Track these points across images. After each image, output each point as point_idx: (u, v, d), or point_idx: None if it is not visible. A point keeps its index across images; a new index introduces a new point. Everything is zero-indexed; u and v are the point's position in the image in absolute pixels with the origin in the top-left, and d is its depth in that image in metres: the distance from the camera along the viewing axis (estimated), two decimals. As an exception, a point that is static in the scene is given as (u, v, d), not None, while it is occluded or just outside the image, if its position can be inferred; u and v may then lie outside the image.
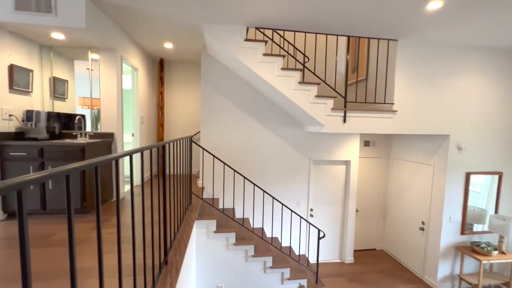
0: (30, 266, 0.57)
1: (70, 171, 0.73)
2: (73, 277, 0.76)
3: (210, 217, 3.21)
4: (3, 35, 2.60)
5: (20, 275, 0.55)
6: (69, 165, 0.73)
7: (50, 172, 0.64)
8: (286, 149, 4.14)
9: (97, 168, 0.88)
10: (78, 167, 0.75)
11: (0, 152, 2.56)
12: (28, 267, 0.57)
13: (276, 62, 3.14)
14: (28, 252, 0.57)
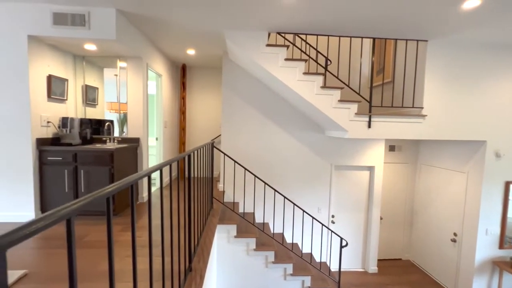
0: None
1: (110, 193, 0.75)
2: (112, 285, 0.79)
3: (230, 221, 3.24)
4: (42, 48, 2.80)
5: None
6: (108, 188, 0.75)
7: (92, 197, 0.67)
8: (306, 154, 4.07)
9: (132, 186, 0.91)
10: (115, 189, 0.78)
11: (39, 157, 2.76)
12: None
13: (297, 66, 3.10)
14: (75, 275, 0.60)
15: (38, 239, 2.35)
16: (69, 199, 2.80)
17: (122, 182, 0.82)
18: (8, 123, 2.64)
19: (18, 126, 2.65)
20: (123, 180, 0.84)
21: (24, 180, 2.69)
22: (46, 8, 2.56)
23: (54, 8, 2.56)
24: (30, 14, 2.57)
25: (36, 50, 2.71)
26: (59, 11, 2.56)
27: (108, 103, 3.66)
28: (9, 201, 2.70)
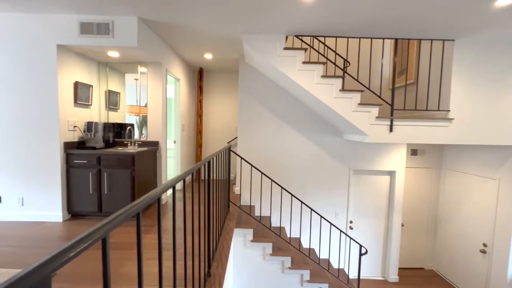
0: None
1: (139, 208, 0.76)
2: None
3: (247, 225, 3.23)
4: (69, 56, 2.94)
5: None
6: (138, 203, 0.75)
7: (125, 213, 0.67)
8: (324, 158, 3.99)
9: (159, 199, 0.92)
10: (143, 203, 0.78)
11: (66, 160, 2.90)
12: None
13: (316, 69, 3.05)
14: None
15: (64, 240, 2.46)
16: (93, 201, 2.92)
17: (149, 196, 0.83)
18: (39, 128, 2.79)
19: (48, 130, 2.80)
20: (150, 193, 0.85)
21: (53, 181, 2.83)
22: (73, 19, 2.69)
23: (81, 18, 2.68)
24: (59, 25, 2.71)
25: (64, 58, 2.85)
26: (86, 20, 2.68)
27: (128, 106, 3.79)
28: (40, 201, 2.85)
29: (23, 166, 2.82)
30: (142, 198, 0.78)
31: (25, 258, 2.11)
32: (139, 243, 0.78)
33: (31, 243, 2.37)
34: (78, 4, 2.45)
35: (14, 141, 2.80)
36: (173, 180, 1.03)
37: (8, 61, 2.75)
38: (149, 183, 3.33)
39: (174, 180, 1.04)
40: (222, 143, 5.37)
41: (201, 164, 1.54)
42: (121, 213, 0.67)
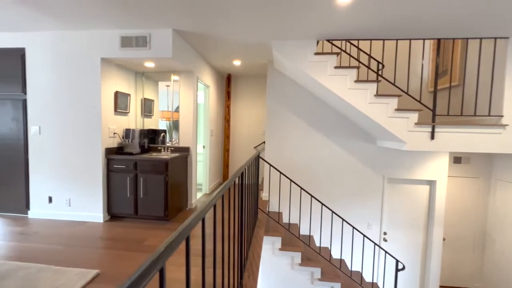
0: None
1: (188, 232, 0.76)
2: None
3: (275, 233, 3.19)
4: (111, 68, 3.16)
5: None
6: (187, 227, 0.75)
7: (176, 237, 0.67)
8: (355, 165, 3.81)
9: (204, 220, 0.92)
10: (187, 229, 0.76)
11: (107, 165, 3.10)
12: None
13: (348, 74, 2.93)
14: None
15: (104, 240, 2.62)
16: (130, 204, 3.09)
17: (195, 218, 0.82)
18: (85, 135, 3.03)
19: (92, 137, 3.02)
20: (195, 215, 0.84)
21: (95, 184, 3.05)
22: (115, 33, 2.88)
23: (122, 33, 2.87)
24: (103, 39, 2.92)
25: (106, 70, 3.07)
26: (126, 35, 2.86)
27: (160, 111, 3.97)
28: (84, 202, 3.09)
29: (71, 170, 3.08)
30: (189, 221, 0.78)
31: (72, 256, 2.28)
32: (188, 264, 0.78)
33: (76, 242, 2.56)
34: (120, 19, 2.62)
35: (64, 147, 3.07)
36: (214, 197, 1.03)
37: (60, 74, 3.03)
38: (180, 188, 3.44)
39: (215, 197, 1.04)
40: (249, 148, 5.40)
41: (236, 176, 1.53)
42: (174, 239, 0.66)
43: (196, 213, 0.83)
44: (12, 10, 2.45)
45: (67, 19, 2.64)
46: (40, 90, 3.06)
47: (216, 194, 1.06)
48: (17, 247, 2.43)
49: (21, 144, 3.15)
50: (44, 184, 3.12)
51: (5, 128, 3.17)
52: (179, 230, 0.70)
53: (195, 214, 0.82)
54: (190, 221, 0.76)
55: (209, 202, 0.96)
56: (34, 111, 3.09)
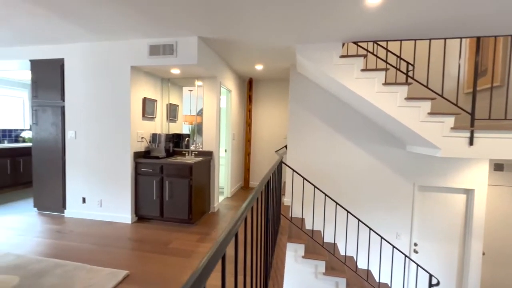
0: None
1: (223, 249, 0.74)
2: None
3: (299, 240, 3.12)
4: (139, 75, 3.30)
5: None
6: (222, 243, 0.71)
7: (211, 256, 0.64)
8: (383, 171, 3.64)
9: (237, 236, 0.89)
10: (222, 248, 0.72)
11: (135, 168, 3.23)
12: None
13: (376, 77, 2.81)
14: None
15: (132, 241, 2.72)
16: (156, 206, 3.18)
17: (228, 235, 0.77)
18: (116, 139, 3.19)
19: (122, 141, 3.17)
20: (228, 232, 0.79)
21: (124, 187, 3.19)
22: (144, 42, 3.01)
23: (150, 42, 2.99)
24: (132, 48, 3.07)
25: (135, 77, 3.21)
26: (154, 43, 2.97)
27: (183, 115, 4.08)
28: (114, 203, 3.24)
29: (103, 173, 3.25)
30: (222, 238, 0.74)
31: (103, 255, 2.38)
32: (224, 284, 0.76)
33: (107, 241, 2.68)
34: (149, 29, 2.74)
35: (97, 151, 3.25)
36: (243, 211, 1.00)
37: (94, 82, 3.22)
38: (204, 191, 3.49)
39: (244, 211, 1.01)
40: (270, 152, 5.37)
41: (262, 185, 1.51)
42: (209, 259, 0.63)
43: (228, 229, 0.81)
44: (54, 24, 2.65)
45: (101, 31, 2.80)
46: (76, 97, 3.28)
47: (245, 207, 1.03)
48: (54, 244, 2.60)
49: (59, 148, 3.38)
50: (79, 185, 3.32)
51: (46, 133, 3.42)
52: (214, 250, 0.67)
53: (227, 230, 0.80)
54: (223, 238, 0.74)
55: (239, 216, 0.93)
56: (70, 117, 3.31)
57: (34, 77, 3.40)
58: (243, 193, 4.90)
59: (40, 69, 3.37)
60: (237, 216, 0.92)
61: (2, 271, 2.07)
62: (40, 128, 3.44)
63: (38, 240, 2.68)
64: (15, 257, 2.28)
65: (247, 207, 1.05)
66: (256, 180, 5.47)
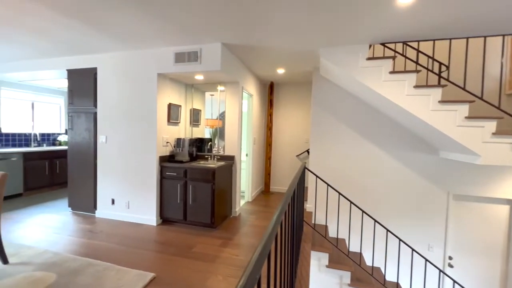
0: None
1: (254, 276, 0.68)
2: None
3: (322, 249, 3.02)
4: (165, 82, 3.41)
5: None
6: (250, 272, 0.66)
7: (246, 281, 0.59)
8: (413, 178, 3.43)
9: (269, 256, 0.85)
10: (256, 270, 0.66)
11: (160, 172, 3.33)
12: None
13: (407, 79, 2.66)
14: None
15: (158, 243, 2.79)
16: (180, 209, 3.25)
17: (260, 255, 0.72)
18: (142, 144, 3.31)
19: (148, 146, 3.28)
20: (260, 252, 0.73)
21: (150, 190, 3.30)
22: (170, 50, 3.11)
23: (176, 49, 3.08)
24: (159, 56, 3.18)
25: (161, 84, 3.32)
26: (179, 51, 3.06)
27: (205, 119, 4.15)
28: (140, 206, 3.36)
29: (130, 176, 3.38)
30: (255, 260, 0.66)
31: (130, 256, 2.47)
32: None
33: (134, 243, 2.78)
34: (174, 37, 2.82)
35: (125, 155, 3.40)
36: (273, 227, 0.94)
37: (123, 90, 3.38)
38: (226, 196, 3.51)
39: (274, 228, 0.95)
40: (291, 156, 5.30)
41: (289, 197, 1.47)
42: (245, 284, 0.57)
43: (260, 249, 0.74)
44: (88, 35, 2.82)
45: (131, 41, 2.94)
46: (107, 104, 3.46)
47: (274, 223, 0.98)
48: (86, 243, 2.74)
49: (91, 152, 3.58)
50: (109, 187, 3.49)
51: (80, 137, 3.65)
52: (248, 272, 0.62)
53: (259, 250, 0.73)
54: (256, 260, 0.68)
55: (270, 233, 0.86)
56: (102, 123, 3.50)
57: (70, 85, 3.65)
58: (263, 198, 4.87)
59: (76, 78, 3.61)
60: (266, 234, 0.86)
61: (41, 267, 2.21)
62: (75, 133, 3.67)
63: (72, 239, 2.84)
64: (52, 255, 2.43)
65: (276, 221, 1.00)
66: (277, 185, 5.41)
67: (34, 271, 2.15)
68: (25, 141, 5.00)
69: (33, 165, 4.54)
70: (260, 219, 3.68)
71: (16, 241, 2.74)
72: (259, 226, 3.39)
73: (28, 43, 3.10)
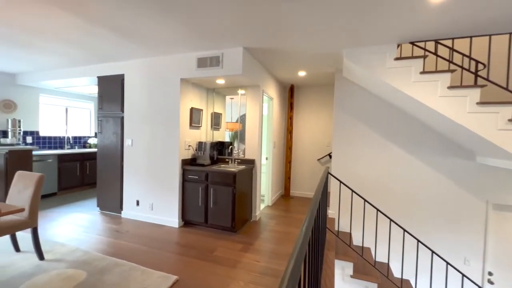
0: None
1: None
2: None
3: (346, 257, 2.90)
4: (188, 87, 3.49)
5: None
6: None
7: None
8: (446, 185, 3.19)
9: (300, 281, 0.79)
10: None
11: (182, 175, 3.39)
12: None
13: (440, 79, 2.49)
14: None
15: (180, 245, 2.83)
16: (201, 212, 3.28)
17: (291, 278, 0.66)
18: (166, 147, 3.40)
19: (171, 149, 3.36)
20: (290, 275, 0.67)
21: (173, 192, 3.37)
22: (193, 56, 3.18)
23: (198, 55, 3.14)
24: (182, 62, 3.26)
25: (184, 89, 3.39)
26: (201, 56, 3.11)
27: (225, 122, 4.18)
28: (163, 208, 3.44)
29: (154, 178, 3.48)
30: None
31: (154, 258, 2.52)
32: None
33: (157, 244, 2.84)
34: (197, 43, 2.88)
35: (149, 158, 3.51)
36: (301, 245, 0.88)
37: (148, 95, 3.50)
38: (246, 200, 3.49)
39: (302, 244, 0.89)
40: (312, 160, 5.18)
41: (316, 206, 1.41)
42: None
43: (290, 271, 0.68)
44: (116, 43, 2.96)
45: (156, 47, 3.04)
46: (133, 108, 3.60)
47: (303, 240, 0.90)
48: (112, 243, 2.84)
49: (118, 154, 3.74)
50: (134, 189, 3.62)
51: (108, 141, 3.83)
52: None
53: (289, 273, 0.67)
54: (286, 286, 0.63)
55: (298, 252, 0.79)
56: (128, 126, 3.65)
57: (100, 91, 3.85)
58: (283, 202, 4.80)
59: (105, 84, 3.80)
60: (295, 253, 0.79)
61: (72, 265, 2.33)
62: (103, 136, 3.86)
63: (99, 238, 2.96)
64: (82, 253, 2.55)
65: (305, 237, 0.92)
66: (297, 189, 5.31)
67: (67, 268, 2.26)
68: (60, 144, 5.35)
69: (66, 166, 4.84)
70: (281, 224, 3.61)
71: (51, 238, 2.91)
72: (280, 232, 3.33)
73: (61, 53, 3.31)
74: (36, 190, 2.38)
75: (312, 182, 5.20)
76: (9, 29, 2.60)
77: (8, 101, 4.57)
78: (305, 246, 0.85)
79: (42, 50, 3.24)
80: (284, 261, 2.56)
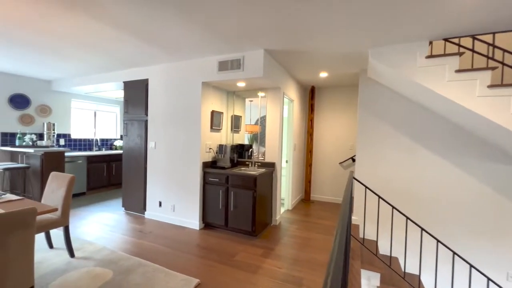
0: None
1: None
2: None
3: (372, 267, 2.75)
4: (209, 90, 3.52)
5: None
6: None
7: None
8: (486, 193, 2.93)
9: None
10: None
11: (203, 177, 3.42)
12: None
13: (478, 78, 2.29)
14: None
15: (201, 248, 2.83)
16: (221, 215, 3.28)
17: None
18: (188, 150, 3.45)
19: (193, 152, 3.41)
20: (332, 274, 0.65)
21: (194, 194, 3.41)
22: (214, 59, 3.20)
23: (219, 58, 3.16)
24: (203, 66, 3.30)
25: (205, 92, 3.43)
26: (223, 59, 3.13)
27: (244, 125, 4.16)
28: (185, 209, 3.48)
29: (176, 180, 3.55)
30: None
31: (176, 259, 2.54)
32: None
33: (179, 246, 2.87)
34: (218, 47, 2.89)
35: (172, 160, 3.58)
36: (335, 263, 0.84)
37: (170, 98, 3.58)
38: (266, 203, 3.44)
39: (336, 263, 0.84)
40: (333, 163, 5.02)
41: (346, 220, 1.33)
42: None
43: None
44: (141, 48, 3.06)
45: (179, 52, 3.10)
46: (156, 112, 3.70)
47: (336, 255, 0.84)
48: (137, 243, 2.92)
49: (142, 156, 3.86)
50: (156, 190, 3.71)
51: (133, 143, 3.96)
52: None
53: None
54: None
55: (334, 267, 0.74)
56: (151, 129, 3.75)
57: (126, 95, 4.01)
58: (304, 206, 4.68)
59: (131, 88, 3.95)
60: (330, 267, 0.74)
61: (100, 264, 2.41)
62: (128, 139, 4.00)
63: (124, 238, 3.06)
64: (109, 252, 2.64)
65: (339, 252, 0.86)
66: (317, 193, 5.17)
67: (95, 267, 2.35)
68: (89, 146, 5.65)
69: (94, 167, 5.09)
70: (302, 229, 3.52)
71: (81, 236, 3.05)
72: (301, 237, 3.24)
73: (89, 60, 3.48)
74: (68, 190, 2.50)
75: (333, 186, 5.04)
76: (43, 38, 2.78)
77: (44, 106, 4.91)
78: (340, 261, 0.79)
79: (72, 59, 3.43)
80: (306, 268, 2.47)
